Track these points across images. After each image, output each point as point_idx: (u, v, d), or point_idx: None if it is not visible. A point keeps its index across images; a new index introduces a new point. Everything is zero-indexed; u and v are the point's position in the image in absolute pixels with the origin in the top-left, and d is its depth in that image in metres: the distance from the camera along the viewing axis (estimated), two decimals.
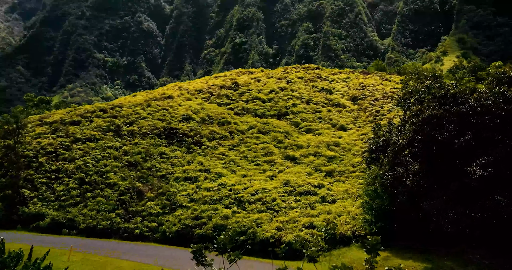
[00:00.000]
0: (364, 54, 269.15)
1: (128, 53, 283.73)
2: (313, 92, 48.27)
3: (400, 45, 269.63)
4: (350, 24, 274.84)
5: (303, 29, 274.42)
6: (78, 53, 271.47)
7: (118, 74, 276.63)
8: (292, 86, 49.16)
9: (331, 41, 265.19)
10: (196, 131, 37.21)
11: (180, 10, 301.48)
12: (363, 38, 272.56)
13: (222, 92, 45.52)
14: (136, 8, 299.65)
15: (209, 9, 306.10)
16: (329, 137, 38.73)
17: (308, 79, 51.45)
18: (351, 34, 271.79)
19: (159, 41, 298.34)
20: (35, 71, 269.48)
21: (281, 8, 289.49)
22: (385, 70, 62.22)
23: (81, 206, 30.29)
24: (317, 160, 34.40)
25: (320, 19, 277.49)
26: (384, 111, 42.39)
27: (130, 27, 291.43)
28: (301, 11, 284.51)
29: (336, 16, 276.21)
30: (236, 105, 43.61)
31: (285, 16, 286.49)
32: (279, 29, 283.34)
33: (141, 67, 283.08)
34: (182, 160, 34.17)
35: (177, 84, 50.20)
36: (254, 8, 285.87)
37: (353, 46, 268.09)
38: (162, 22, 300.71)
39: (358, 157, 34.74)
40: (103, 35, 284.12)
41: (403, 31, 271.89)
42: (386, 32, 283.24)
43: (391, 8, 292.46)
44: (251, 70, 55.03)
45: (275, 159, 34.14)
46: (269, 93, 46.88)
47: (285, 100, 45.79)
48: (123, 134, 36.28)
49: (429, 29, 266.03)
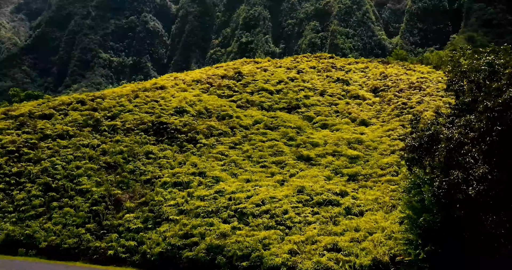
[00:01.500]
0: (372, 53, 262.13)
1: (133, 52, 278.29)
2: (327, 83, 41.59)
3: (408, 43, 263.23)
4: (358, 23, 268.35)
5: (310, 28, 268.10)
6: (84, 53, 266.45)
7: (124, 73, 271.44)
8: (303, 76, 42.50)
9: (339, 40, 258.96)
10: (190, 126, 30.67)
11: (186, 9, 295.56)
12: (371, 37, 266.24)
13: (223, 83, 38.98)
14: (142, 8, 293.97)
15: (215, 8, 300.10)
16: (350, 133, 32.02)
17: (321, 69, 44.77)
18: (358, 33, 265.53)
19: (165, 40, 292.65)
20: (40, 71, 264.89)
21: (288, 7, 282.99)
22: (406, 59, 55.36)
23: (44, 219, 23.82)
24: (337, 161, 27.72)
25: (327, 18, 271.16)
26: (412, 103, 35.63)
27: (135, 27, 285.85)
28: (308, 10, 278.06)
29: (344, 15, 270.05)
30: (239, 97, 37.06)
31: (291, 15, 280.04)
32: (286, 28, 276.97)
33: (147, 67, 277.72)
34: (172, 161, 27.63)
35: (173, 74, 43.73)
36: (260, 7, 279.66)
37: (360, 45, 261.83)
38: (168, 21, 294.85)
39: (387, 157, 28.03)
40: (109, 35, 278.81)
41: (411, 29, 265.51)
42: (394, 30, 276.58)
43: (399, 6, 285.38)
44: (257, 60, 48.47)
45: (286, 159, 27.49)
46: (277, 84, 40.28)
47: (296, 92, 39.14)
48: (102, 130, 29.81)
49: (438, 28, 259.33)
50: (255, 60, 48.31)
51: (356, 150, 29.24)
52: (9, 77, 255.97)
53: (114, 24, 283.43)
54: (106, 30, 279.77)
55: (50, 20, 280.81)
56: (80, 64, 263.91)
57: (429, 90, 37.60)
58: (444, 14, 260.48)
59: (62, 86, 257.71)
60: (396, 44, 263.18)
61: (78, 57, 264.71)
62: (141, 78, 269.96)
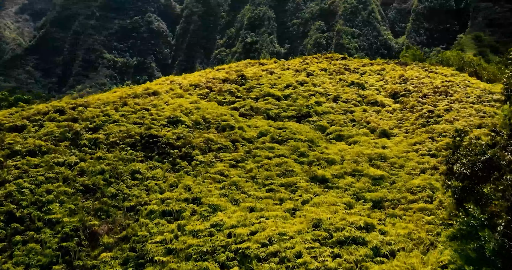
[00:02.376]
0: (378, 53, 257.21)
1: (138, 53, 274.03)
2: (341, 87, 36.86)
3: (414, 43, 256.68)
4: (363, 23, 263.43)
5: (315, 28, 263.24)
6: (88, 53, 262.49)
7: (128, 74, 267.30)
8: (314, 80, 37.79)
9: (344, 40, 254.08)
10: (185, 140, 26.03)
11: (190, 9, 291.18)
12: (377, 37, 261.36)
13: (225, 87, 34.34)
14: (146, 8, 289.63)
15: (220, 8, 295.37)
16: (370, 147, 27.31)
17: (334, 71, 40.03)
18: (364, 33, 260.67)
19: (169, 41, 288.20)
20: (44, 72, 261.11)
21: (293, 7, 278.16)
22: (425, 60, 50.50)
23: (4, 257, 19.28)
24: (358, 182, 23.06)
25: (332, 17, 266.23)
26: (440, 112, 30.86)
27: (140, 27, 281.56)
28: (313, 10, 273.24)
29: (349, 15, 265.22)
30: (242, 104, 32.39)
31: (297, 15, 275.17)
32: (291, 28, 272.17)
33: (151, 67, 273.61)
34: (162, 182, 23.02)
35: (169, 78, 39.04)
36: (265, 7, 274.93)
37: (366, 45, 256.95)
38: (172, 21, 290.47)
39: (417, 178, 23.31)
40: (113, 35, 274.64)
41: (417, 29, 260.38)
42: (400, 30, 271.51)
43: (405, 6, 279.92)
44: (262, 61, 43.74)
45: (297, 181, 22.83)
46: (285, 89, 35.61)
47: (306, 97, 34.44)
48: (82, 145, 25.18)
49: (444, 27, 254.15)
50: (260, 62, 43.61)
51: (380, 168, 24.54)
52: (13, 78, 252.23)
53: (118, 24, 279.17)
54: (110, 31, 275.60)
55: (54, 21, 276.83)
56: (84, 64, 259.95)
57: (457, 96, 32.83)
58: (450, 13, 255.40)
59: (66, 87, 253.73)
60: (402, 44, 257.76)
61: (82, 58, 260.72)
62: (146, 79, 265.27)
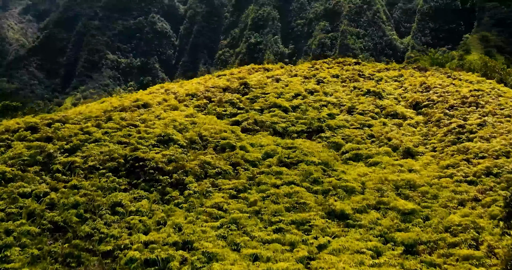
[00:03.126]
0: (382, 53, 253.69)
1: (141, 54, 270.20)
2: (355, 97, 32.53)
3: (420, 43, 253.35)
4: (368, 23, 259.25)
5: (319, 28, 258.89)
6: (91, 54, 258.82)
7: (132, 75, 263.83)
8: (325, 88, 33.51)
9: (349, 40, 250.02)
10: (177, 164, 21.85)
11: (194, 10, 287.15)
12: (382, 37, 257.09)
13: (226, 97, 30.13)
14: (149, 8, 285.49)
15: (224, 9, 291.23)
16: (394, 170, 23.04)
17: (347, 77, 35.72)
18: (369, 33, 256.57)
19: (173, 41, 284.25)
20: (48, 72, 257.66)
21: (297, 7, 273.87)
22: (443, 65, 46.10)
23: None
24: (384, 218, 18.82)
25: (337, 17, 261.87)
26: (472, 126, 26.53)
27: (143, 28, 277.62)
28: (317, 10, 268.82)
29: (354, 15, 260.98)
30: (245, 117, 28.16)
31: (301, 15, 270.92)
32: (295, 29, 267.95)
33: (155, 68, 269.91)
34: (148, 218, 18.84)
35: (164, 85, 34.85)
36: (269, 7, 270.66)
37: (371, 45, 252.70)
38: (176, 22, 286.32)
39: (456, 213, 19.02)
40: (116, 35, 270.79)
41: (423, 29, 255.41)
42: (405, 30, 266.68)
43: (410, 6, 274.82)
44: (267, 66, 39.41)
45: (311, 217, 18.59)
46: (293, 98, 31.35)
47: (317, 109, 30.16)
48: (55, 170, 21.03)
49: (450, 27, 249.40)
50: (265, 67, 39.30)
51: (409, 199, 20.29)
52: (17, 79, 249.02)
53: (121, 25, 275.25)
54: (113, 31, 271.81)
55: (58, 21, 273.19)
56: (87, 65, 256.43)
57: (490, 108, 28.50)
58: (456, 13, 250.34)
59: (69, 88, 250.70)
60: (408, 44, 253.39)
61: (85, 58, 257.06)
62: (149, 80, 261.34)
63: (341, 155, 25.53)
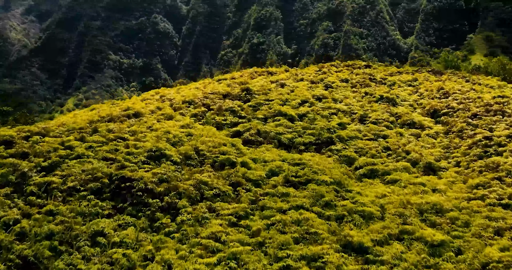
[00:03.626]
0: (386, 53, 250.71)
1: (143, 54, 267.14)
2: (368, 104, 29.60)
3: (424, 44, 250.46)
4: (372, 23, 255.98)
5: (322, 28, 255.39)
6: (93, 54, 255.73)
7: (134, 75, 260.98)
8: (334, 94, 30.60)
9: (352, 40, 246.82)
10: (170, 184, 19.01)
11: (196, 10, 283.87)
12: (385, 37, 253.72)
13: (226, 105, 27.27)
14: (151, 9, 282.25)
15: (226, 9, 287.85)
16: (417, 191, 20.13)
17: (357, 82, 32.83)
18: (372, 33, 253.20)
19: (175, 42, 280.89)
20: (50, 73, 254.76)
21: (299, 7, 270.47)
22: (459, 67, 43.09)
23: None
24: (409, 252, 15.92)
25: (340, 18, 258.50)
26: (501, 138, 23.58)
27: (145, 28, 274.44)
28: (320, 10, 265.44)
29: (357, 15, 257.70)
30: (246, 127, 25.28)
31: (304, 15, 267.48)
32: (298, 29, 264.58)
33: (157, 69, 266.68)
34: (133, 252, 16.01)
35: (159, 91, 32.03)
36: (272, 7, 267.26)
37: (374, 46, 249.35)
38: (178, 22, 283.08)
39: (494, 246, 16.13)
40: (118, 36, 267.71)
41: (426, 29, 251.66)
42: (408, 30, 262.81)
43: (413, 5, 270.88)
44: (271, 69, 36.48)
45: (324, 251, 15.71)
46: (300, 106, 28.44)
47: (326, 117, 27.25)
48: (29, 192, 18.22)
49: (454, 27, 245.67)
50: (268, 70, 36.40)
51: (436, 227, 17.37)
52: (19, 80, 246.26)
53: (123, 26, 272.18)
54: (115, 32, 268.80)
55: (60, 22, 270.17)
56: (89, 66, 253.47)
57: None
58: (460, 13, 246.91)
59: (71, 88, 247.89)
60: (411, 44, 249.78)
61: (87, 59, 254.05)
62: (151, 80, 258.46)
63: (354, 170, 22.65)
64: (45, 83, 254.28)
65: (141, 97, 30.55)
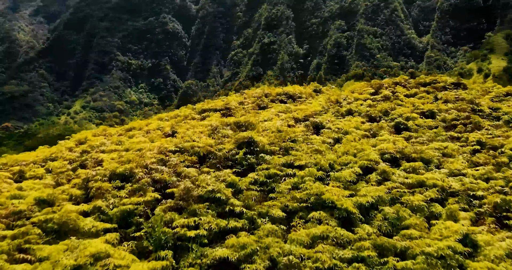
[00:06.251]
0: (401, 53, 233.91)
1: (152, 55, 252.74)
2: (499, 174, 13.70)
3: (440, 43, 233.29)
4: (386, 21, 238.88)
5: (335, 28, 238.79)
6: (101, 56, 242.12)
7: (142, 76, 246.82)
8: (418, 146, 14.65)
9: (366, 39, 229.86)
10: None
11: (206, 10, 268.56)
12: (400, 36, 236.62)
13: (202, 184, 11.50)
14: (160, 9, 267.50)
15: (236, 8, 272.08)
16: None
17: (453, 119, 16.89)
18: (386, 32, 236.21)
19: (185, 42, 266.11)
20: (57, 75, 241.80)
21: (311, 6, 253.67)
22: None
23: None
24: None
25: (353, 16, 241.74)
26: None
27: (154, 29, 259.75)
28: (333, 9, 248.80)
29: (371, 13, 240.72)
30: (245, 252, 9.55)
31: (315, 14, 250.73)
32: (310, 28, 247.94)
33: (166, 70, 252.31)
34: None
35: (92, 141, 16.26)
36: (283, 6, 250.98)
37: (389, 45, 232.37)
38: (187, 22, 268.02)
39: None
40: (126, 37, 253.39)
41: (443, 28, 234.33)
42: (424, 29, 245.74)
43: (429, 3, 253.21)
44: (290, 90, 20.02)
45: None
46: (361, 180, 12.65)
47: (424, 214, 11.41)
48: None
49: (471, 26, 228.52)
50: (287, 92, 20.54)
51: None
52: (26, 81, 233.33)
53: (132, 26, 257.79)
54: (123, 32, 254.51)
55: (68, 23, 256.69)
56: (97, 67, 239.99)
57: None
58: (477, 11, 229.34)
59: (79, 90, 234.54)
60: (427, 43, 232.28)
61: (95, 60, 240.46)
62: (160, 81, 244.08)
63: None
64: (53, 85, 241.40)
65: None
